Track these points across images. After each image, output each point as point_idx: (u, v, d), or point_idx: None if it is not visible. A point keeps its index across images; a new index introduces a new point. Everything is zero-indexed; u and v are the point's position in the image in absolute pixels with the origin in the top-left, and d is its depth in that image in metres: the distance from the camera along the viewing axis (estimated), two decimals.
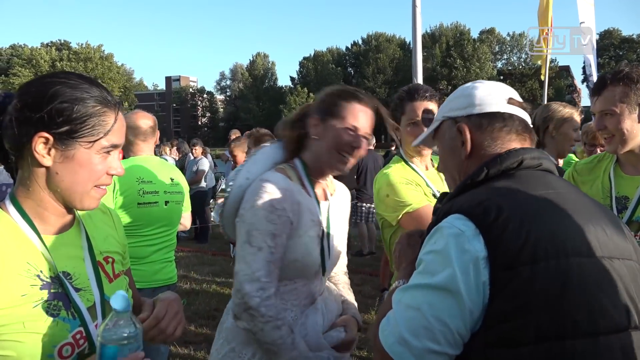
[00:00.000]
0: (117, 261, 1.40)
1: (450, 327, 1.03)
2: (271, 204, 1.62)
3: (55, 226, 1.25)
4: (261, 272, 1.58)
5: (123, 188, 2.88)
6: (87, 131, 1.18)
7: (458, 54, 67.95)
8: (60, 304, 1.17)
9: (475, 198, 1.13)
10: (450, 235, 1.06)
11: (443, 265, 1.05)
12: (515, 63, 71.24)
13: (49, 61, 64.40)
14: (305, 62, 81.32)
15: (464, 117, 1.31)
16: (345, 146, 1.72)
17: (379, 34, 77.73)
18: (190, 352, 4.66)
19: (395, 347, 1.05)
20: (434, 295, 1.04)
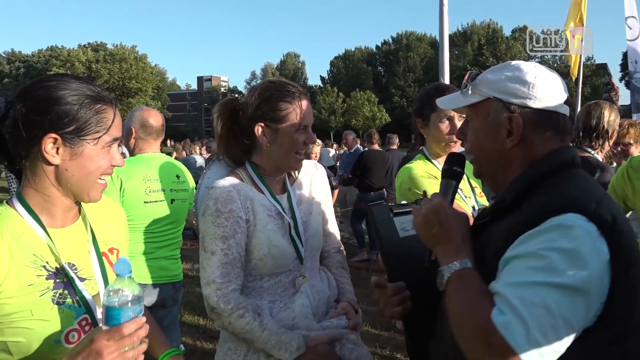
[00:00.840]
0: (122, 251, 1.47)
1: (575, 327, 1.01)
2: (217, 209, 1.66)
3: (61, 220, 1.33)
4: (216, 274, 1.64)
5: (130, 187, 2.91)
6: (92, 129, 1.26)
7: (490, 53, 66.78)
8: (66, 293, 1.25)
9: (581, 197, 1.10)
10: (582, 236, 1.03)
11: (575, 266, 1.01)
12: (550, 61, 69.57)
13: (85, 62, 66.07)
14: (336, 61, 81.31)
15: (518, 106, 1.22)
16: (301, 146, 1.75)
17: (410, 33, 77.12)
18: (216, 346, 4.73)
19: (524, 346, 0.98)
20: (562, 295, 1.00)
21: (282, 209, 1.78)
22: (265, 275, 1.73)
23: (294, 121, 1.72)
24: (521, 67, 1.25)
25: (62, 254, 1.28)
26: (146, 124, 3.11)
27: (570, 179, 1.18)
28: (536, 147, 1.22)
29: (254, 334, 1.60)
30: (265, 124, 1.73)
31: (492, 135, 1.25)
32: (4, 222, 1.24)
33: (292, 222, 1.78)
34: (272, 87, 1.76)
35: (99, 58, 66.91)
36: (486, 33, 70.31)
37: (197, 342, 4.82)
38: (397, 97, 72.74)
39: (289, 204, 1.82)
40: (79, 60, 65.45)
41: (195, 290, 6.42)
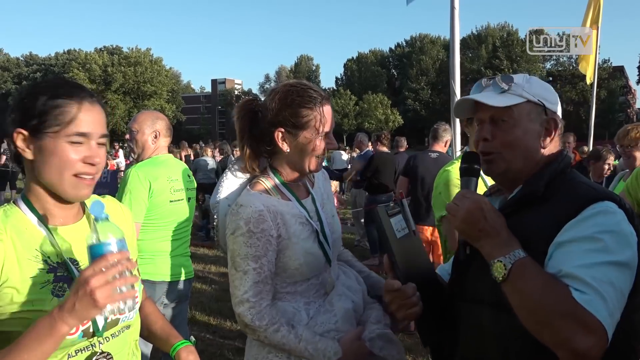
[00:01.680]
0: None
1: (626, 297, 1.19)
2: (248, 229, 1.65)
3: (62, 217, 1.38)
4: (249, 294, 1.64)
5: (157, 187, 3.03)
6: (50, 121, 1.29)
7: (505, 55, 66.28)
8: (65, 286, 1.31)
9: (599, 188, 1.33)
10: (622, 220, 1.22)
11: (624, 245, 1.20)
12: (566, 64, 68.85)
13: (102, 65, 66.89)
14: (349, 64, 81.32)
15: (552, 111, 1.43)
16: (322, 150, 1.74)
17: (424, 36, 76.87)
18: (225, 346, 4.80)
19: (607, 319, 1.12)
20: (618, 271, 1.17)
21: (308, 213, 1.78)
22: (299, 281, 1.75)
23: (315, 128, 1.69)
24: (536, 78, 1.47)
25: (65, 250, 1.34)
26: (169, 128, 3.27)
27: (576, 175, 1.39)
28: (554, 148, 1.44)
29: (291, 346, 1.63)
30: (286, 130, 1.70)
31: (531, 134, 1.40)
32: (8, 219, 1.31)
33: (318, 225, 1.78)
34: (294, 92, 1.71)
35: (114, 61, 67.65)
36: (500, 36, 69.76)
37: (208, 341, 4.87)
38: (411, 100, 72.52)
39: (314, 207, 1.83)
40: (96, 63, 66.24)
41: (207, 290, 6.47)
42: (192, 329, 4.95)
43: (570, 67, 67.14)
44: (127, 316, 1.43)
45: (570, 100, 63.86)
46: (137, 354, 1.54)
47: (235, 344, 4.83)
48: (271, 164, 1.80)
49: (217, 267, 7.76)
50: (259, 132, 1.76)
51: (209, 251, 8.85)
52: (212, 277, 7.15)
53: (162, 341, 1.60)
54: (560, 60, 70.15)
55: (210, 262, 8.08)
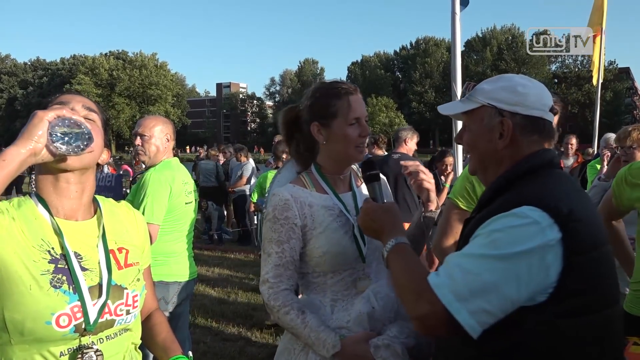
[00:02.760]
0: (132, 252, 1.53)
1: (505, 293, 1.19)
2: (274, 216, 1.78)
3: (73, 212, 1.42)
4: (269, 274, 1.77)
5: (175, 190, 3.15)
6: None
7: (511, 58, 66.17)
8: (64, 278, 1.33)
9: (542, 192, 1.30)
10: (525, 224, 1.21)
11: (511, 244, 1.20)
12: (571, 65, 68.66)
13: (108, 70, 67.28)
14: (353, 68, 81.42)
15: (509, 112, 1.40)
16: (357, 140, 1.82)
17: (429, 38, 76.89)
18: (227, 349, 4.80)
19: (453, 303, 1.20)
20: (496, 264, 1.20)
21: (345, 207, 1.85)
22: (329, 272, 1.81)
23: (345, 116, 1.79)
24: (514, 79, 1.47)
25: (71, 243, 1.37)
26: (174, 132, 3.37)
27: (542, 178, 1.36)
28: (523, 149, 1.41)
29: (297, 330, 1.72)
30: (320, 122, 1.82)
31: (487, 137, 1.44)
32: (20, 208, 1.36)
33: (355, 220, 1.83)
34: (322, 86, 1.87)
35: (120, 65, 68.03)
36: (506, 38, 69.63)
37: (210, 344, 4.87)
38: (415, 102, 72.48)
39: (354, 203, 1.89)
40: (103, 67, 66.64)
41: (209, 293, 6.48)
42: (195, 332, 4.95)
43: (575, 69, 66.98)
44: (124, 319, 1.44)
45: (576, 102, 63.67)
46: (136, 358, 1.54)
47: (238, 346, 4.83)
48: (315, 160, 1.91)
49: (220, 270, 7.78)
50: (301, 135, 1.90)
51: (212, 254, 8.88)
52: (214, 280, 7.16)
53: (161, 352, 1.61)
54: (565, 62, 69.99)
55: (213, 264, 8.09)
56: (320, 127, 1.82)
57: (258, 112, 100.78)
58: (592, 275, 1.23)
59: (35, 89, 77.55)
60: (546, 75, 65.88)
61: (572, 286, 1.20)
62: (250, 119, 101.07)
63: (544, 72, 66.17)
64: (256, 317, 5.51)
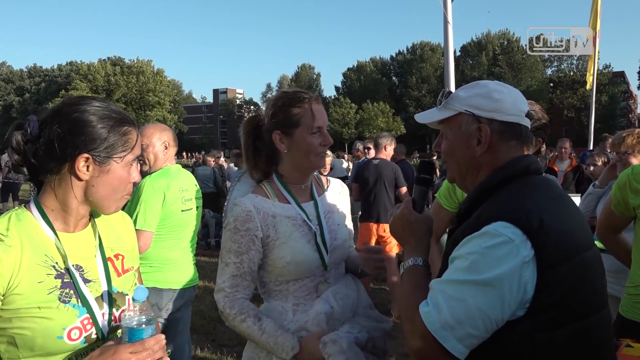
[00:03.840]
0: (127, 258, 1.56)
1: (490, 315, 1.20)
2: (235, 227, 1.79)
3: (73, 226, 1.43)
4: (226, 284, 1.79)
5: (170, 197, 3.12)
6: (119, 148, 1.39)
7: (506, 62, 66.41)
8: (72, 292, 1.35)
9: (514, 205, 1.28)
10: (500, 244, 1.21)
11: (490, 266, 1.20)
12: (566, 69, 68.94)
13: (105, 76, 67.22)
14: (348, 73, 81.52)
15: (486, 119, 1.40)
16: (319, 148, 1.82)
17: (425, 43, 77.08)
18: (224, 354, 4.82)
19: (440, 331, 1.21)
20: (478, 290, 1.20)
21: (307, 217, 1.85)
22: (291, 280, 1.82)
23: (307, 124, 1.79)
24: (489, 85, 1.45)
25: (71, 256, 1.38)
26: (174, 138, 3.35)
27: (516, 187, 1.35)
28: (501, 155, 1.41)
29: (255, 336, 1.74)
30: (281, 131, 1.81)
31: (465, 144, 1.43)
32: (20, 222, 1.35)
33: (318, 229, 1.86)
34: (284, 95, 1.86)
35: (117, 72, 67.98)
36: (501, 43, 69.88)
37: (207, 349, 4.90)
38: (412, 107, 72.68)
39: (315, 212, 1.89)
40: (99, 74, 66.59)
41: (206, 298, 6.47)
42: (192, 337, 4.94)
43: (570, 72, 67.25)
44: None
45: (571, 106, 63.89)
46: None
47: (235, 352, 4.84)
48: (276, 169, 1.90)
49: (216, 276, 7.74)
50: (263, 144, 1.88)
51: (209, 259, 8.86)
52: (211, 286, 7.14)
53: None
54: (561, 66, 70.28)
55: (210, 270, 8.07)
56: (283, 136, 1.81)
57: None
58: (567, 286, 1.23)
59: (31, 96, 77.42)
60: (542, 80, 66.12)
61: (547, 300, 1.21)
62: None
63: (540, 76, 66.41)
64: None
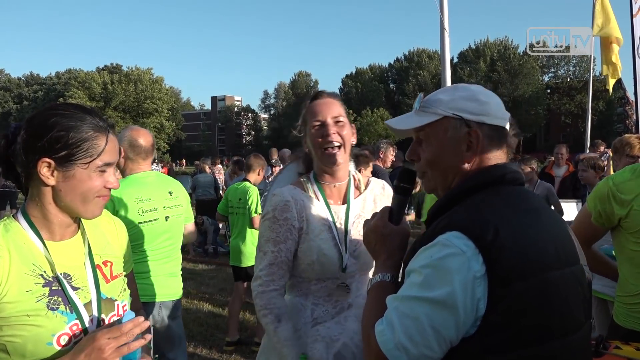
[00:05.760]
0: (116, 264, 1.58)
1: (444, 336, 1.13)
2: (273, 215, 1.83)
3: (60, 234, 1.44)
4: (263, 272, 1.83)
5: (121, 210, 2.89)
6: (82, 154, 1.36)
7: (503, 69, 66.66)
8: (60, 300, 1.36)
9: (471, 216, 1.20)
10: (450, 255, 1.13)
11: (442, 281, 1.13)
12: (563, 75, 69.22)
13: (102, 84, 67.31)
14: (346, 80, 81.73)
15: (476, 122, 1.30)
16: (321, 142, 1.82)
17: (422, 50, 77.40)
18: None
19: (393, 351, 1.15)
20: (431, 308, 1.13)
21: (334, 219, 1.88)
22: (313, 279, 1.86)
23: (311, 119, 1.85)
24: (472, 88, 1.36)
25: (59, 264, 1.40)
26: (135, 144, 3.02)
27: (484, 196, 1.25)
28: (489, 161, 1.32)
29: (269, 333, 1.82)
30: (299, 133, 1.93)
31: (452, 150, 1.32)
32: (8, 233, 1.37)
33: (343, 233, 1.88)
34: (308, 95, 1.92)
35: (115, 80, 68.08)
36: (498, 50, 70.14)
37: (205, 357, 4.88)
38: None
39: (345, 215, 1.92)
40: (96, 82, 66.67)
41: (204, 306, 6.45)
42: (189, 344, 4.94)
43: (567, 79, 67.52)
44: None
45: (568, 112, 64.06)
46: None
47: (233, 359, 4.82)
48: (314, 167, 1.95)
49: (215, 283, 7.75)
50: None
51: (206, 267, 8.85)
52: (209, 293, 7.13)
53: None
54: (558, 72, 70.59)
55: (208, 277, 8.08)
56: (303, 134, 1.90)
57: (253, 125, 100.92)
58: (522, 307, 1.13)
59: (29, 104, 77.44)
60: (539, 86, 66.35)
61: (498, 319, 1.12)
62: (245, 131, 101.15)
63: (537, 83, 66.64)
64: (251, 330, 5.50)
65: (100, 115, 1.45)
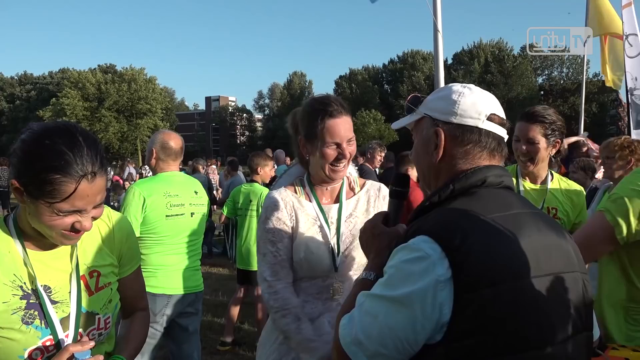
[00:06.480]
0: (104, 274, 1.52)
1: (399, 335, 1.12)
2: (266, 216, 1.88)
3: (46, 244, 1.40)
4: (266, 273, 1.85)
5: (151, 202, 3.15)
6: (45, 194, 1.27)
7: (497, 70, 66.90)
8: (36, 314, 1.33)
9: (442, 220, 1.20)
10: (416, 258, 1.13)
11: (404, 282, 1.13)
12: (557, 77, 69.58)
13: (95, 84, 66.93)
14: (340, 81, 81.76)
15: (443, 121, 1.32)
16: (332, 160, 1.88)
17: (416, 52, 77.55)
18: None
19: (350, 346, 1.17)
20: (389, 307, 1.14)
21: (326, 218, 1.92)
22: (304, 277, 1.89)
23: (326, 138, 1.85)
24: (453, 87, 1.36)
25: (41, 276, 1.36)
26: (166, 146, 3.36)
27: (461, 201, 1.25)
28: (458, 162, 1.31)
29: (290, 334, 1.80)
30: (305, 138, 1.91)
31: (425, 149, 1.37)
32: None
33: (335, 232, 1.91)
34: (312, 103, 1.93)
35: (108, 79, 67.69)
36: (492, 51, 70.41)
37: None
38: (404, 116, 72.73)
39: (337, 215, 1.95)
40: (89, 82, 66.27)
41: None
42: None
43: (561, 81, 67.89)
44: (97, 340, 1.46)
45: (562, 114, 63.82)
46: None
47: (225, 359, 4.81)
48: (308, 168, 2.00)
49: (209, 283, 7.70)
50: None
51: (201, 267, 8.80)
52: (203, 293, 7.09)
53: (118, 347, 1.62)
54: (552, 74, 70.93)
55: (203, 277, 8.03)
56: (306, 142, 1.91)
57: (247, 126, 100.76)
58: (490, 314, 1.09)
59: (22, 103, 76.91)
60: (532, 88, 66.64)
61: (464, 326, 1.09)
62: (239, 132, 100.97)
63: (530, 84, 66.94)
64: (244, 331, 5.49)
65: (92, 153, 1.32)
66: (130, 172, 14.55)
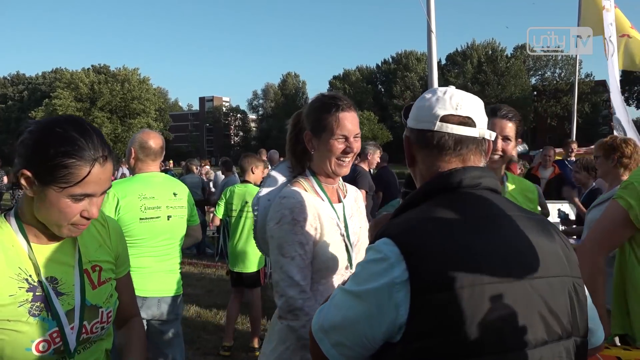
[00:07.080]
0: (105, 269, 1.55)
1: (359, 330, 1.17)
2: (293, 218, 1.83)
3: (49, 237, 1.42)
4: (298, 277, 1.80)
5: (125, 204, 3.05)
6: (58, 179, 1.30)
7: (491, 70, 67.18)
8: (42, 306, 1.34)
9: (406, 223, 1.23)
10: (377, 260, 1.18)
11: (366, 280, 1.18)
12: (550, 78, 69.97)
13: (88, 84, 66.61)
14: (334, 82, 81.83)
15: (409, 128, 1.38)
16: (340, 153, 1.91)
17: (409, 52, 77.74)
18: None
19: (317, 333, 1.25)
20: (352, 301, 1.20)
21: (338, 217, 1.95)
22: (322, 279, 1.89)
23: (335, 130, 1.88)
24: (423, 94, 1.38)
25: (46, 268, 1.38)
26: (145, 146, 3.24)
27: (430, 204, 1.25)
28: (427, 166, 1.34)
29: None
30: (312, 132, 1.92)
31: (407, 153, 1.42)
32: None
33: (345, 230, 1.95)
34: (320, 99, 1.96)
35: (101, 80, 67.38)
36: (485, 52, 70.71)
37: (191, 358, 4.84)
38: (397, 116, 73.02)
39: (343, 214, 1.99)
40: (82, 82, 65.95)
41: (190, 308, 6.41)
42: None
43: (554, 81, 68.26)
44: (99, 334, 1.49)
45: (554, 115, 64.80)
46: None
47: None
48: (310, 167, 1.99)
49: (202, 284, 7.72)
50: (301, 138, 1.99)
51: (194, 269, 8.80)
52: (196, 295, 7.08)
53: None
54: (544, 75, 71.31)
55: (195, 279, 8.03)
56: (312, 137, 1.91)
57: (241, 126, 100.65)
58: (445, 317, 1.08)
59: (14, 103, 76.51)
60: (525, 88, 66.99)
61: (419, 327, 1.10)
62: (233, 132, 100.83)
63: (523, 85, 67.27)
64: (237, 332, 5.46)
65: (100, 140, 1.37)
66: (123, 172, 14.47)
